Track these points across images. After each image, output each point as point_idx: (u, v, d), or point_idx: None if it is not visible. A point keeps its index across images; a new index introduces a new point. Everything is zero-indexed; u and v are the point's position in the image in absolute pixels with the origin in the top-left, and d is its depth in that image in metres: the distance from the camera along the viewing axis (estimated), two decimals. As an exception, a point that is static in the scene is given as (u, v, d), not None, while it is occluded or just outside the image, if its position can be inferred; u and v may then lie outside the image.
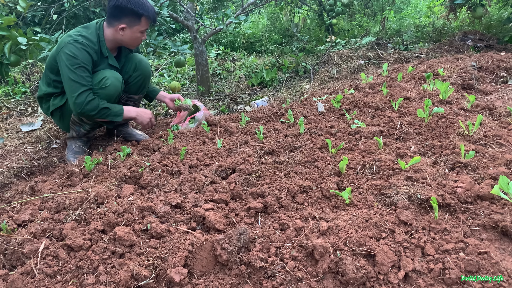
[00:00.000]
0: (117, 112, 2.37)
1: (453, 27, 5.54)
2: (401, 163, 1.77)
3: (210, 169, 1.95)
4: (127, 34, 2.37)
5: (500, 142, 1.97)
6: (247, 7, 4.39)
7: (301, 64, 5.30)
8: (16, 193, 1.90)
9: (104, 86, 2.32)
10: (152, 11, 2.38)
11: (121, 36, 2.38)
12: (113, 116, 2.35)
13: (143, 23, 2.37)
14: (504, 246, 1.30)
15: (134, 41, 2.43)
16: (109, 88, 2.34)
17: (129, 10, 2.29)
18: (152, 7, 2.40)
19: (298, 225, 1.42)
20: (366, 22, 7.15)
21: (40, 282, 1.25)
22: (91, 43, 2.31)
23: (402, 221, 1.40)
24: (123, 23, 2.33)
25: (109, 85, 2.33)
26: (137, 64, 2.57)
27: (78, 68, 2.23)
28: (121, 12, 2.29)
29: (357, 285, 1.18)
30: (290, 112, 2.66)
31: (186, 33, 7.82)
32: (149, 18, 2.37)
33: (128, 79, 2.58)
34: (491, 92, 3.06)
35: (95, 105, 2.28)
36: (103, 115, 2.34)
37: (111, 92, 2.36)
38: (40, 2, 4.03)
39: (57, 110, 2.46)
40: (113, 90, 2.36)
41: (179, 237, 1.41)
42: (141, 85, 2.65)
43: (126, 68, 2.58)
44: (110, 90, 2.35)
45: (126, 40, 2.41)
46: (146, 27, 2.40)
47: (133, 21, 2.34)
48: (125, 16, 2.31)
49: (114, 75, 2.39)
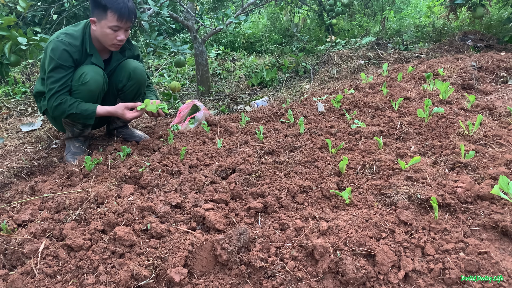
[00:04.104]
0: (88, 115, 2.25)
1: (453, 27, 5.54)
2: (401, 163, 1.77)
3: (210, 169, 1.95)
4: (97, 29, 2.23)
5: (500, 142, 1.97)
6: (247, 7, 4.39)
7: (301, 64, 5.30)
8: (16, 193, 1.90)
9: (84, 82, 2.22)
10: (121, 6, 2.14)
11: (94, 32, 2.26)
12: (84, 119, 2.27)
13: (110, 17, 2.16)
14: (504, 246, 1.30)
15: (105, 38, 2.23)
16: (90, 83, 2.23)
17: (96, 2, 2.14)
18: (126, 2, 2.17)
19: (298, 225, 1.42)
20: (366, 22, 7.15)
21: (40, 282, 1.25)
22: (74, 40, 2.22)
23: (402, 221, 1.40)
24: (94, 16, 2.20)
25: (89, 80, 2.23)
26: (132, 73, 2.46)
27: (55, 69, 2.18)
28: (92, 3, 2.18)
29: (357, 285, 1.18)
30: (290, 112, 2.66)
31: (186, 33, 7.82)
32: (115, 13, 2.14)
33: (123, 88, 2.49)
34: (491, 92, 3.06)
35: (62, 110, 2.22)
36: (73, 119, 2.28)
37: (92, 88, 2.25)
38: (40, 2, 4.03)
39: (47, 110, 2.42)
40: (94, 85, 2.26)
41: (179, 237, 1.41)
42: (136, 92, 2.57)
43: (120, 77, 2.48)
44: (90, 85, 2.24)
45: (99, 37, 2.26)
46: (115, 23, 2.17)
47: (100, 14, 2.17)
48: (95, 8, 2.18)
49: (94, 69, 2.27)
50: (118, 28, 2.21)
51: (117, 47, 2.32)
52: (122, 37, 2.24)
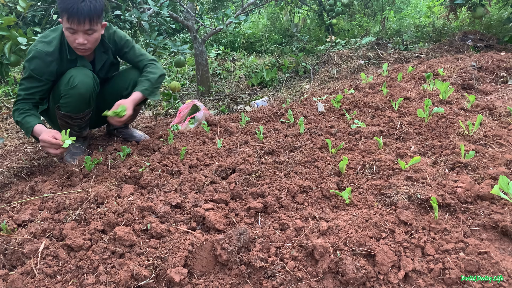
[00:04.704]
0: (26, 129, 2.12)
1: (453, 27, 5.54)
2: (401, 163, 1.77)
3: (210, 169, 1.95)
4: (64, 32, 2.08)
5: (500, 142, 1.97)
6: (247, 7, 4.39)
7: (301, 64, 5.30)
8: (16, 193, 1.90)
9: (73, 86, 2.12)
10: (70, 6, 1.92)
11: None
12: (25, 132, 2.14)
13: (64, 18, 1.98)
14: (504, 246, 1.30)
15: (69, 40, 2.07)
16: (79, 87, 2.13)
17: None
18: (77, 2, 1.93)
19: (298, 225, 1.42)
20: (366, 22, 7.15)
21: (40, 282, 1.25)
22: (51, 48, 2.10)
23: (402, 221, 1.40)
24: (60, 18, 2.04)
25: (78, 83, 2.12)
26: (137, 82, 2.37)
27: (28, 78, 2.11)
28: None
29: (357, 285, 1.18)
30: (290, 112, 2.66)
31: (186, 33, 7.82)
32: (65, 13, 1.94)
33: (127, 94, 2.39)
34: (491, 92, 3.06)
35: (15, 116, 2.13)
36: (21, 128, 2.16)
37: (82, 91, 2.14)
38: (40, 2, 4.03)
39: (43, 113, 2.39)
40: (84, 88, 2.14)
41: (179, 237, 1.41)
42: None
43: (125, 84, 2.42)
44: (80, 89, 2.13)
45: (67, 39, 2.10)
46: (68, 25, 1.98)
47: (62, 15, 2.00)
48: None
49: (82, 71, 2.16)
50: (73, 31, 2.01)
51: (82, 52, 2.14)
52: (80, 40, 2.04)
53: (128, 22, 5.31)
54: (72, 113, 2.22)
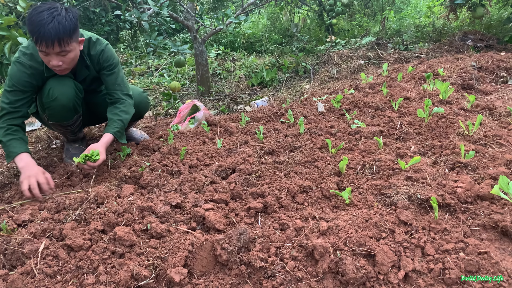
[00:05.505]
0: (7, 154, 1.98)
1: (453, 27, 5.53)
2: (401, 163, 1.77)
3: (210, 169, 1.95)
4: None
5: (500, 142, 1.97)
6: (247, 7, 4.39)
7: (301, 64, 5.30)
8: (16, 193, 1.90)
9: (53, 98, 2.04)
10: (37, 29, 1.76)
11: None
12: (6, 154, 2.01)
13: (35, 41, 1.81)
14: (504, 246, 1.30)
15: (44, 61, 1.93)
16: (59, 98, 2.04)
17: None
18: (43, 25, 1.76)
19: (298, 225, 1.42)
20: (366, 22, 7.15)
21: (40, 282, 1.25)
22: (34, 61, 2.00)
23: (402, 221, 1.40)
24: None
25: (58, 95, 2.03)
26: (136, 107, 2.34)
27: (11, 91, 1.99)
28: None
29: (357, 285, 1.18)
30: (290, 112, 2.66)
31: (186, 33, 7.82)
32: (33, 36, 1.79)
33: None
34: (491, 92, 3.06)
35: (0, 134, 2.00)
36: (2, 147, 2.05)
37: (64, 102, 2.06)
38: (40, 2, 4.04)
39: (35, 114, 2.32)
40: (65, 100, 2.06)
41: (179, 237, 1.41)
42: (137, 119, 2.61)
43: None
44: (61, 100, 2.05)
45: None
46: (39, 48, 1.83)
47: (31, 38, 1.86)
48: None
49: (61, 81, 2.05)
50: (45, 53, 1.86)
51: (59, 72, 2.00)
52: (54, 62, 1.88)
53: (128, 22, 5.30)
54: (61, 122, 2.20)
